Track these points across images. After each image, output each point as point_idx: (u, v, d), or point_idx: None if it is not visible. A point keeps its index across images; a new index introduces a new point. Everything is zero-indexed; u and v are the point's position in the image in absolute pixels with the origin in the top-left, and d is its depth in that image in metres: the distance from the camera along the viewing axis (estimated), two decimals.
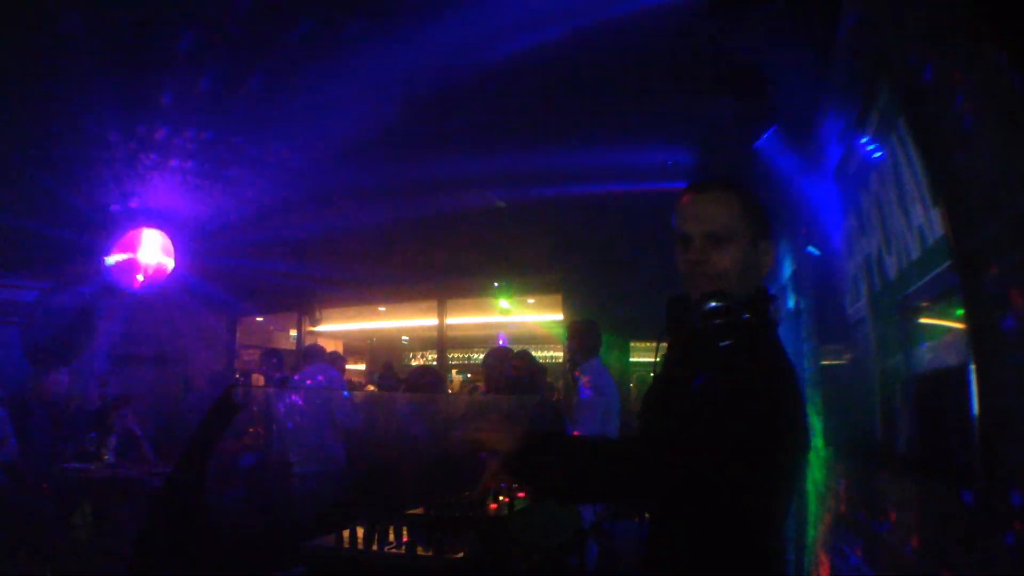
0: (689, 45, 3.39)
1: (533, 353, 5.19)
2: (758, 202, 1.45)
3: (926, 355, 1.87)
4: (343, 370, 6.77)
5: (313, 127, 4.55)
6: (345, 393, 5.40)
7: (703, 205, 1.42)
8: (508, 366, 4.55)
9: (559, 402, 5.22)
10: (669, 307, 1.51)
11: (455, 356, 11.50)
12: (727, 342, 1.32)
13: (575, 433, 4.15)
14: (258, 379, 9.65)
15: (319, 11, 3.33)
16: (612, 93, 4.05)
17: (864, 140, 2.30)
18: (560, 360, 8.54)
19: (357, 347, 12.98)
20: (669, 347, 1.55)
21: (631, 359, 7.79)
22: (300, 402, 5.07)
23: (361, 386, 9.14)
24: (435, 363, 10.01)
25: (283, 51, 3.65)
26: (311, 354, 5.67)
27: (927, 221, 1.71)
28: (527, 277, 8.40)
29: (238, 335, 10.36)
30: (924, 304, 1.82)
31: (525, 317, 9.80)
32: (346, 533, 2.61)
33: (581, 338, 4.47)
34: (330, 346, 10.01)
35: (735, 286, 1.37)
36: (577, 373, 4.39)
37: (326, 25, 3.41)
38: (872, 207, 2.24)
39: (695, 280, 1.39)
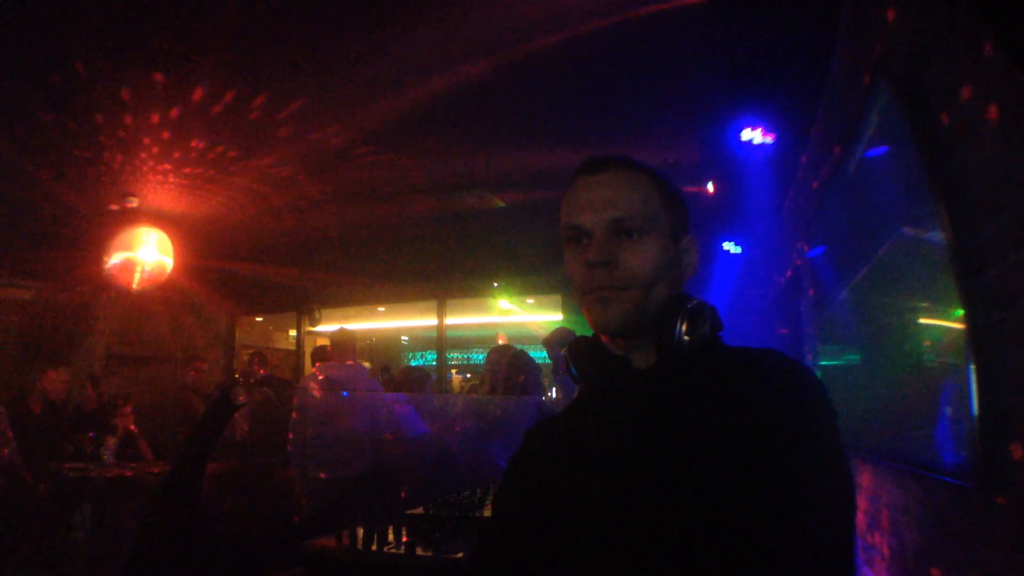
0: (690, 44, 3.39)
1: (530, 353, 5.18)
2: (674, 186, 1.08)
3: (923, 356, 1.87)
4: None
5: (314, 129, 4.55)
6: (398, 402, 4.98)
7: (604, 188, 1.03)
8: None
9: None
10: (580, 355, 1.08)
11: (455, 356, 11.52)
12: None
13: None
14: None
15: (322, 13, 3.33)
16: (611, 92, 4.05)
17: (864, 140, 2.30)
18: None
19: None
20: (594, 414, 1.07)
21: None
22: (326, 406, 4.80)
23: None
24: (435, 363, 10.01)
25: (283, 54, 3.66)
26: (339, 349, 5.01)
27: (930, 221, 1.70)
28: (527, 277, 8.41)
29: (238, 335, 10.35)
30: (923, 305, 1.82)
31: (525, 317, 9.80)
32: (346, 533, 2.61)
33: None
34: None
35: (656, 294, 1.01)
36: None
37: (326, 27, 3.42)
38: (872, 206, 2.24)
39: (598, 290, 1.01)
